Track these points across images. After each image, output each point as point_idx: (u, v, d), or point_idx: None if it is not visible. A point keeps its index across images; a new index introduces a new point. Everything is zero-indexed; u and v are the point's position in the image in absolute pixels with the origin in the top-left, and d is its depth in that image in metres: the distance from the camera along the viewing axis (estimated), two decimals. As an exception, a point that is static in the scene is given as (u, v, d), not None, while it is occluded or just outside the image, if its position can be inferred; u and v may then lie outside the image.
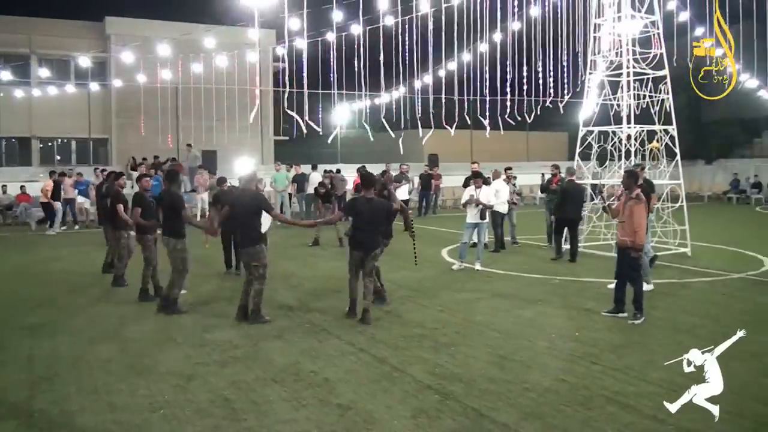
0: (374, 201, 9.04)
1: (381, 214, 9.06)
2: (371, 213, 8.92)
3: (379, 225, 9.06)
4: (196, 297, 10.27)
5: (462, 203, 13.40)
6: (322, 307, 9.78)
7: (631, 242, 8.84)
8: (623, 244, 9.03)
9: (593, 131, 15.00)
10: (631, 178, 9.19)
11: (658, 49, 14.10)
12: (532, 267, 13.27)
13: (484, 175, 13.62)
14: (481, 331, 8.38)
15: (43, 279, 12.38)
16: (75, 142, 32.77)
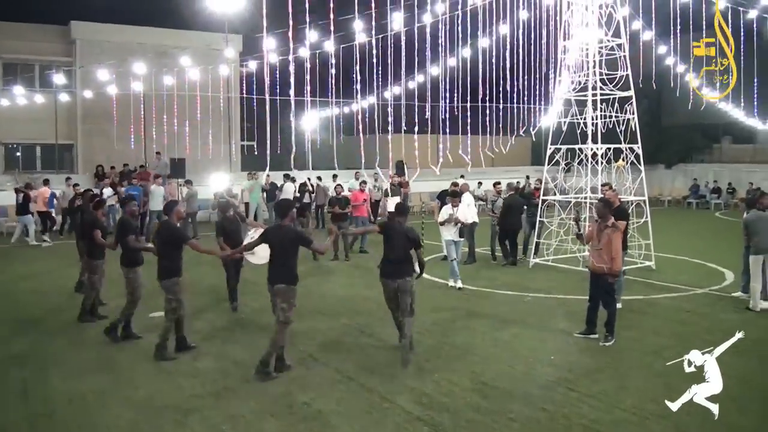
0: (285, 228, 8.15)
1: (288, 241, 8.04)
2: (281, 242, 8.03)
3: (287, 257, 8.06)
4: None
5: (440, 221, 13.66)
6: (305, 329, 10.01)
7: (608, 269, 9.17)
8: (599, 271, 9.33)
9: (561, 149, 15.48)
10: (607, 207, 9.53)
11: (624, 71, 14.61)
12: (503, 281, 13.70)
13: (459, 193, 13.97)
14: (462, 356, 8.74)
15: (20, 300, 12.36)
16: (40, 148, 32.39)
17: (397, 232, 8.78)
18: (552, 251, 15.48)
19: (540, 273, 14.67)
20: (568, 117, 15.24)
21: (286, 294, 7.96)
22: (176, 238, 8.78)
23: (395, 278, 8.67)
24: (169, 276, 8.61)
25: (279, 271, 8.02)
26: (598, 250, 9.35)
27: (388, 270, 8.80)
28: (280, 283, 7.97)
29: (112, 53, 30.85)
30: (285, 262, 8.02)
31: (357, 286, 13.61)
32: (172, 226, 8.87)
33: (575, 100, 15.14)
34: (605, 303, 9.40)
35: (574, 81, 15.12)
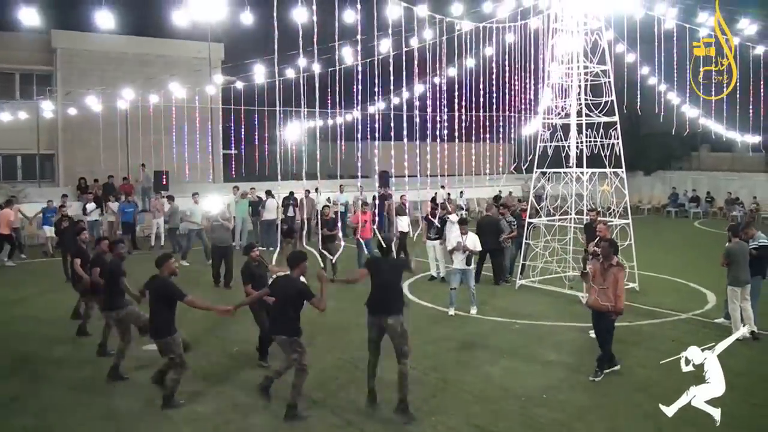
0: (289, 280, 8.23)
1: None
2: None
3: (288, 310, 8.08)
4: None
5: (449, 249, 13.75)
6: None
7: (612, 307, 9.23)
8: (603, 309, 9.33)
9: (546, 173, 15.73)
10: (612, 247, 9.59)
11: (608, 97, 14.87)
12: (492, 305, 13.90)
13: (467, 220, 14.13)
14: (456, 395, 8.92)
15: (13, 331, 12.29)
16: (20, 158, 32.14)
17: (386, 266, 8.61)
18: (538, 272, 15.71)
19: (527, 295, 14.93)
20: (552, 141, 15.47)
21: (292, 345, 8.00)
22: (171, 294, 8.35)
23: (386, 315, 8.28)
24: (163, 335, 8.31)
25: (280, 322, 8.06)
26: (602, 288, 9.32)
27: (377, 306, 8.44)
28: (281, 334, 8.03)
29: (94, 62, 30.76)
30: (286, 313, 8.03)
31: (347, 312, 13.66)
32: (167, 282, 8.45)
33: (561, 125, 15.40)
34: (603, 341, 9.54)
35: (559, 105, 15.37)
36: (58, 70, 31.12)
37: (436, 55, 17.77)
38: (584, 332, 11.62)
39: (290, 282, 8.13)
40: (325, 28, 14.34)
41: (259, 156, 30.75)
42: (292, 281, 8.13)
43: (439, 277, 16.75)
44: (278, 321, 8.14)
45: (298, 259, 8.28)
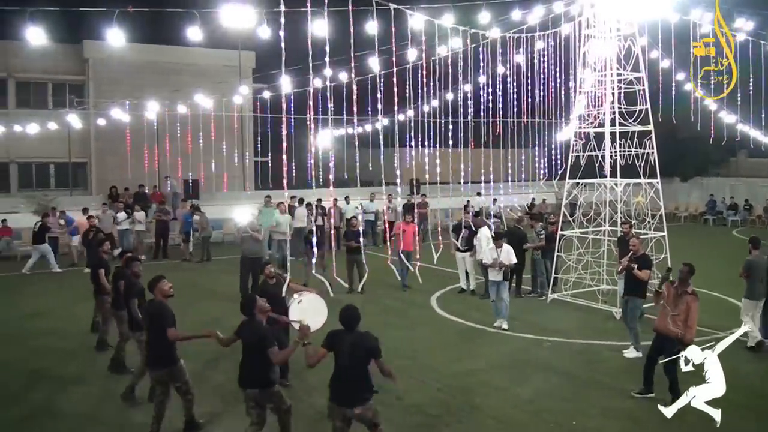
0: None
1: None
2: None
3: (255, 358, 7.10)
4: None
5: (483, 264, 13.58)
6: (317, 383, 9.80)
7: (682, 335, 8.64)
8: (670, 335, 8.74)
9: (579, 183, 15.29)
10: (691, 273, 9.07)
11: (643, 105, 14.40)
12: (523, 321, 13.46)
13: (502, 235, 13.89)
14: (482, 420, 8.56)
15: (32, 343, 12.13)
16: (53, 167, 32.47)
17: (347, 346, 6.73)
18: (570, 286, 15.25)
19: (559, 310, 14.48)
20: (586, 151, 15.02)
21: (270, 397, 7.16)
22: (163, 319, 7.74)
23: (350, 405, 6.72)
24: (166, 365, 7.81)
25: (249, 372, 7.09)
26: (673, 315, 8.77)
27: (340, 394, 6.78)
28: (252, 387, 7.06)
29: (125, 72, 30.94)
30: (254, 362, 7.06)
31: (370, 326, 13.22)
32: (162, 306, 7.87)
33: (594, 134, 14.95)
34: (667, 369, 8.83)
35: (592, 114, 14.93)
36: (89, 80, 31.39)
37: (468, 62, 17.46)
38: (618, 351, 11.21)
39: (254, 327, 7.21)
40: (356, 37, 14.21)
41: (290, 164, 30.62)
42: (256, 326, 7.23)
43: (469, 289, 16.38)
44: (248, 370, 7.11)
45: (251, 303, 7.36)
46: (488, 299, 14.93)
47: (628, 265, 11.07)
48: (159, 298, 7.93)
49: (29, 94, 31.48)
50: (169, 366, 7.79)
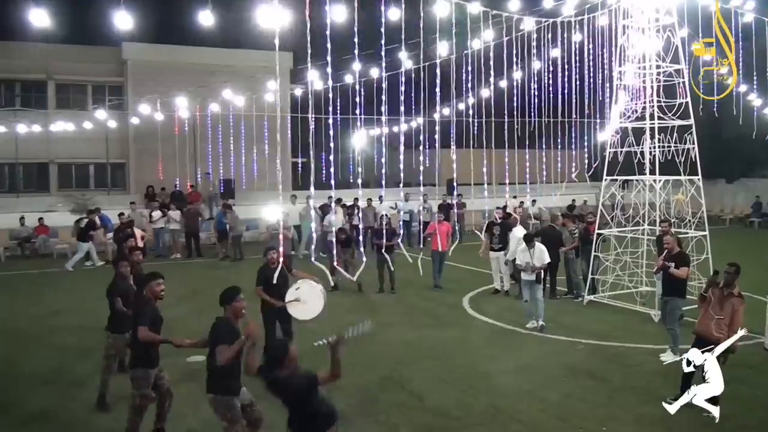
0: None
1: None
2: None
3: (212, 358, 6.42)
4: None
5: (516, 265, 13.34)
6: (341, 383, 9.42)
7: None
8: (712, 340, 8.14)
9: (617, 180, 14.74)
10: (737, 274, 8.59)
11: (683, 98, 13.81)
12: (558, 322, 12.98)
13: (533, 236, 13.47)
14: (507, 424, 8.15)
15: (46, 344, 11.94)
16: (93, 167, 32.85)
17: (282, 386, 5.65)
18: (608, 287, 14.70)
19: (595, 312, 13.93)
20: (624, 146, 14.47)
21: (218, 407, 6.46)
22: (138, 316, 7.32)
23: None
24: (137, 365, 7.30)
25: (208, 375, 6.54)
26: (718, 318, 8.31)
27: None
28: (209, 391, 6.51)
29: (163, 73, 31.11)
30: (211, 363, 6.44)
31: (400, 326, 13.10)
32: (144, 302, 7.44)
33: (632, 128, 14.39)
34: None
35: (630, 108, 14.37)
36: (128, 82, 31.64)
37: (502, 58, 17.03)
38: (655, 355, 10.69)
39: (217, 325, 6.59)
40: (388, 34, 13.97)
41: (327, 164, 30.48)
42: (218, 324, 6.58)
43: (503, 290, 15.94)
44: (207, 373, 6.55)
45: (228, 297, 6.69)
46: (522, 300, 14.48)
47: (664, 263, 10.54)
48: (147, 296, 7.47)
49: (68, 96, 31.90)
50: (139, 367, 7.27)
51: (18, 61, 30.08)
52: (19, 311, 14.62)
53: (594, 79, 18.32)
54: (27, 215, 23.36)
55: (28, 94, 31.66)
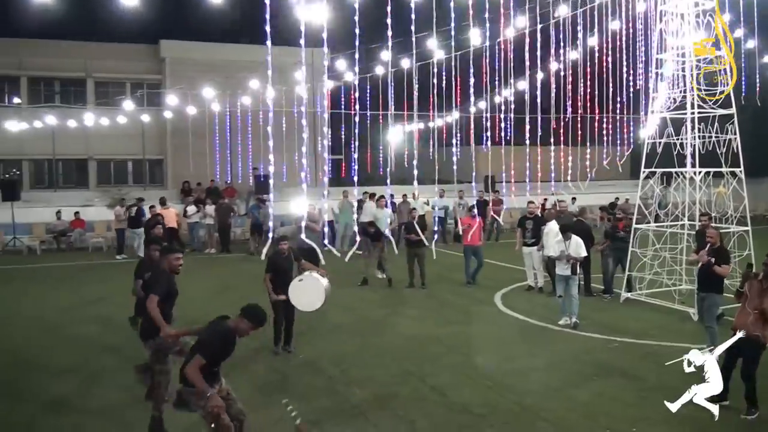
0: None
1: None
2: None
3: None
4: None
5: (549, 256, 12.79)
6: (361, 377, 9.31)
7: (764, 337, 7.79)
8: (752, 336, 7.82)
9: (655, 172, 14.18)
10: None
11: (724, 87, 13.21)
12: (592, 319, 12.49)
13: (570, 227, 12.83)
14: (532, 422, 7.78)
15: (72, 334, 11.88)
16: (131, 163, 33.18)
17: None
18: (645, 285, 14.16)
19: (632, 310, 13.40)
20: (663, 137, 13.91)
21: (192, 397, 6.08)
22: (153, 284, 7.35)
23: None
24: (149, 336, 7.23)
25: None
26: (755, 312, 7.85)
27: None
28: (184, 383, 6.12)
29: (200, 70, 31.25)
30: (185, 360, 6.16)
31: (428, 321, 12.80)
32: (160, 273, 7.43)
33: (671, 118, 13.81)
34: (747, 375, 7.84)
35: (670, 98, 13.80)
36: (166, 79, 31.85)
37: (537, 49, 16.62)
38: (692, 354, 10.16)
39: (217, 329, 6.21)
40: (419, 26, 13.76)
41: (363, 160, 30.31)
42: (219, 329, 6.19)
43: (537, 287, 15.49)
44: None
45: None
46: (555, 296, 14.01)
47: (708, 259, 10.00)
48: (164, 268, 7.44)
49: (107, 93, 32.24)
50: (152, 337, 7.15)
51: (58, 60, 30.51)
52: (48, 302, 14.72)
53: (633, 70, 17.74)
54: (63, 209, 23.57)
55: (68, 91, 32.08)
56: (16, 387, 9.12)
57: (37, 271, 19.18)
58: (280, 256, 10.38)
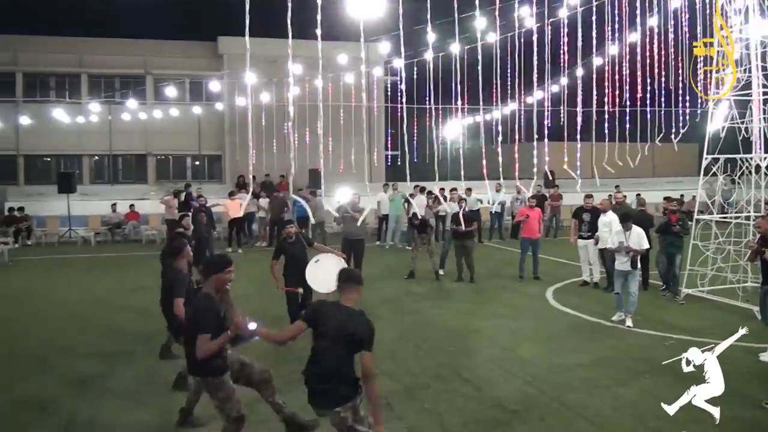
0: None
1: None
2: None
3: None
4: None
5: (609, 248, 11.86)
6: (392, 369, 8.82)
7: None
8: None
9: (718, 159, 13.23)
10: None
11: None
12: (647, 316, 11.71)
13: (630, 216, 11.95)
14: (572, 420, 7.15)
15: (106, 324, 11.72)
16: (189, 159, 33.48)
17: (334, 324, 5.11)
18: (707, 281, 13.24)
19: (692, 307, 12.52)
20: (726, 121, 12.97)
21: (209, 388, 5.68)
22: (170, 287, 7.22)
23: (321, 406, 5.17)
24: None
25: (187, 356, 5.71)
26: None
27: (312, 387, 5.17)
28: (193, 374, 5.78)
29: (258, 67, 31.25)
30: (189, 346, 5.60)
31: (472, 314, 12.22)
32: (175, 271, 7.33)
33: (735, 101, 12.84)
34: None
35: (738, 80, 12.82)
36: (224, 76, 32.00)
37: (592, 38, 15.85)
38: (754, 354, 9.34)
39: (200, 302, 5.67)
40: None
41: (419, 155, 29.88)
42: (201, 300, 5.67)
43: (592, 282, 14.71)
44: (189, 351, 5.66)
45: (213, 269, 5.75)
46: (612, 292, 13.14)
47: (758, 248, 9.18)
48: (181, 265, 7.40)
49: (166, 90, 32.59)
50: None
51: (117, 57, 30.99)
52: (91, 290, 14.95)
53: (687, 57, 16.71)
54: (120, 203, 23.84)
55: (127, 88, 32.59)
56: (46, 365, 9.25)
57: (88, 261, 19.46)
58: (287, 241, 10.08)
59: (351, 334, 5.02)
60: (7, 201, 24.52)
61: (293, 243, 10.03)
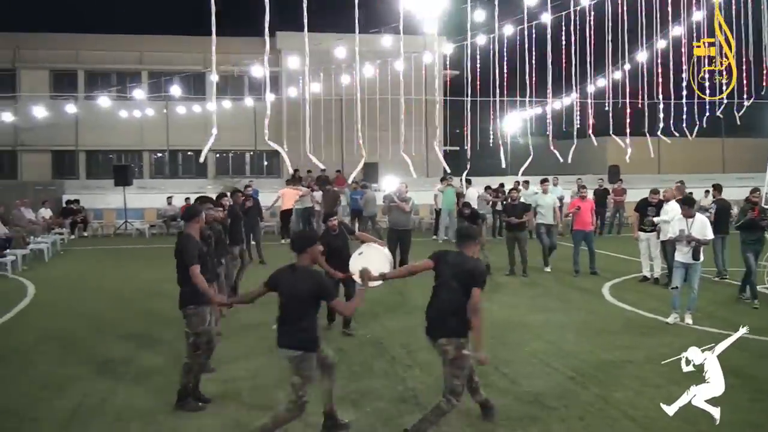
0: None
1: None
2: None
3: (301, 314, 5.75)
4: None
5: (670, 238, 10.86)
6: (426, 361, 8.24)
7: None
8: None
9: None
10: None
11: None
12: (707, 312, 10.91)
13: (693, 200, 11.05)
14: (615, 420, 6.53)
15: (150, 305, 11.96)
16: (248, 155, 33.62)
17: (452, 267, 6.07)
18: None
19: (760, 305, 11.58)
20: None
21: (300, 364, 5.67)
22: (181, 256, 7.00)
23: (434, 336, 6.06)
24: (185, 304, 6.94)
25: (290, 332, 5.71)
26: None
27: (432, 322, 6.15)
28: (290, 348, 5.71)
29: (316, 61, 31.12)
30: (299, 319, 5.69)
31: (520, 308, 11.63)
32: (183, 240, 7.11)
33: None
34: None
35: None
36: (282, 71, 32.00)
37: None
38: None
39: (300, 275, 5.79)
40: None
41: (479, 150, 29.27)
42: (302, 273, 5.80)
43: (652, 278, 13.88)
44: (288, 329, 5.73)
45: (305, 241, 5.94)
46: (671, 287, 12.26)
47: None
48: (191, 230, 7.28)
49: (227, 86, 32.80)
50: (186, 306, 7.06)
51: (176, 54, 31.33)
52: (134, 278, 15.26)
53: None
54: (176, 196, 24.00)
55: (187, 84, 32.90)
56: (78, 347, 9.35)
57: (140, 251, 19.67)
58: (330, 234, 9.94)
59: (467, 271, 5.95)
60: (65, 194, 25.03)
61: (337, 235, 9.98)
